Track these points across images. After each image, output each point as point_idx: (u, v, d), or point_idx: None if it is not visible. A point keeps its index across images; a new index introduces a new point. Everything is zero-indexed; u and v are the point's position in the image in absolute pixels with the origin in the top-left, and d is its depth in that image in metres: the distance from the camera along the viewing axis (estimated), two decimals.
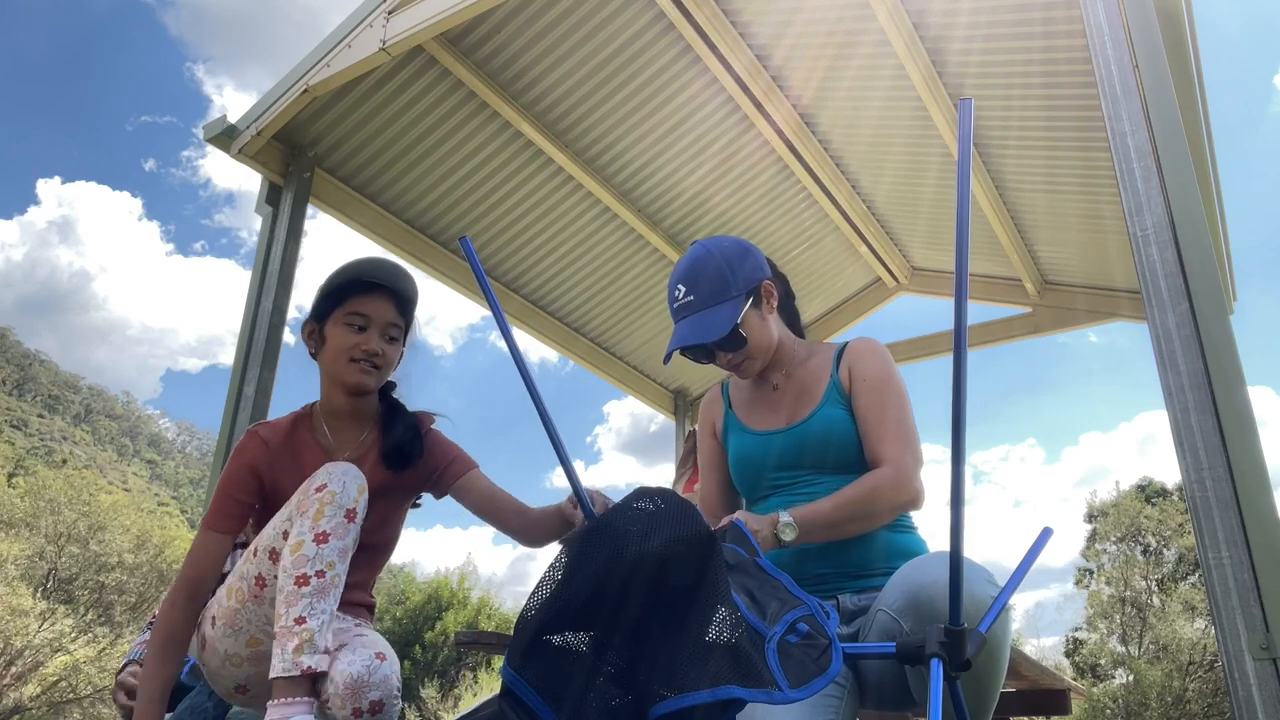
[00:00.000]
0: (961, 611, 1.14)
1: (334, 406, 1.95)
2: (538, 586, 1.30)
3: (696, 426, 2.26)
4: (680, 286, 1.92)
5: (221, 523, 1.84)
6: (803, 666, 1.19)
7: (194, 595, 1.79)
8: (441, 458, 2.00)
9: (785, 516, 1.68)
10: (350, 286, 1.92)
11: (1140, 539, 19.15)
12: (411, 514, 2.06)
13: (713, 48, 4.25)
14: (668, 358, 1.95)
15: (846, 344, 1.98)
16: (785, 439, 1.90)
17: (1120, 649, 18.15)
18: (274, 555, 1.65)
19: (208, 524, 1.84)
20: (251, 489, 1.85)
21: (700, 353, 1.94)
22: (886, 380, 1.87)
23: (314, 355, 1.97)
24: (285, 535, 1.64)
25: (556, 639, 1.26)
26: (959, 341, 1.03)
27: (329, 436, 1.93)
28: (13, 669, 17.38)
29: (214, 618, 1.74)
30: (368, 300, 1.91)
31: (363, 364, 1.88)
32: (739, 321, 1.87)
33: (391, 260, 2.00)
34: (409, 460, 1.92)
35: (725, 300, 1.87)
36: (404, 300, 1.96)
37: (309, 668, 1.52)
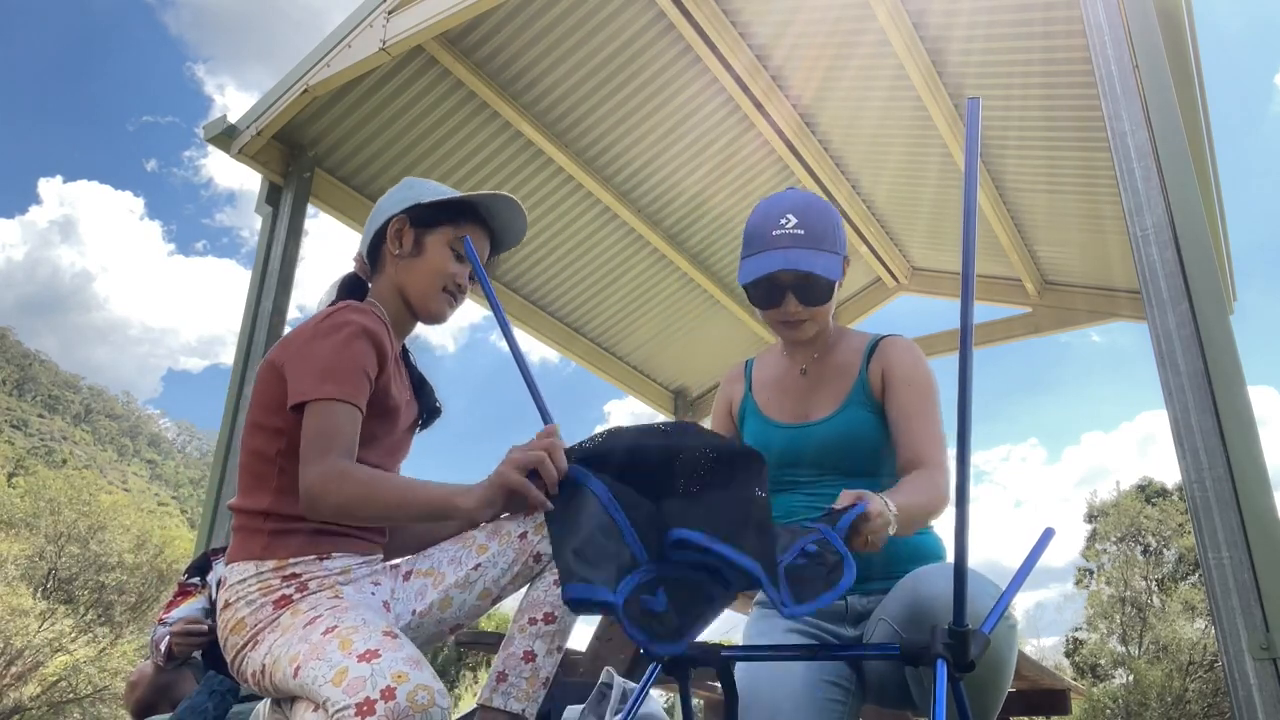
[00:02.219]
0: (966, 614, 1.13)
1: (397, 323, 1.71)
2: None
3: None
4: (791, 216, 1.79)
5: (361, 397, 1.48)
6: (810, 585, 1.18)
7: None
8: None
9: (893, 512, 1.48)
10: (473, 212, 1.74)
11: (1140, 539, 19.16)
12: None
13: (713, 48, 4.25)
14: (751, 278, 1.79)
15: (880, 341, 1.91)
16: (806, 435, 1.85)
17: (1120, 649, 18.15)
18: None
19: (340, 397, 1.45)
20: (373, 377, 1.53)
21: (778, 293, 1.80)
22: (929, 381, 1.87)
23: (388, 257, 1.71)
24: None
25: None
26: (964, 342, 1.02)
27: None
28: (13, 669, 17.38)
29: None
30: (478, 233, 1.73)
31: (454, 296, 1.72)
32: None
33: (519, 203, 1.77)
34: (429, 424, 1.81)
35: (833, 250, 1.80)
36: (495, 250, 1.80)
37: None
